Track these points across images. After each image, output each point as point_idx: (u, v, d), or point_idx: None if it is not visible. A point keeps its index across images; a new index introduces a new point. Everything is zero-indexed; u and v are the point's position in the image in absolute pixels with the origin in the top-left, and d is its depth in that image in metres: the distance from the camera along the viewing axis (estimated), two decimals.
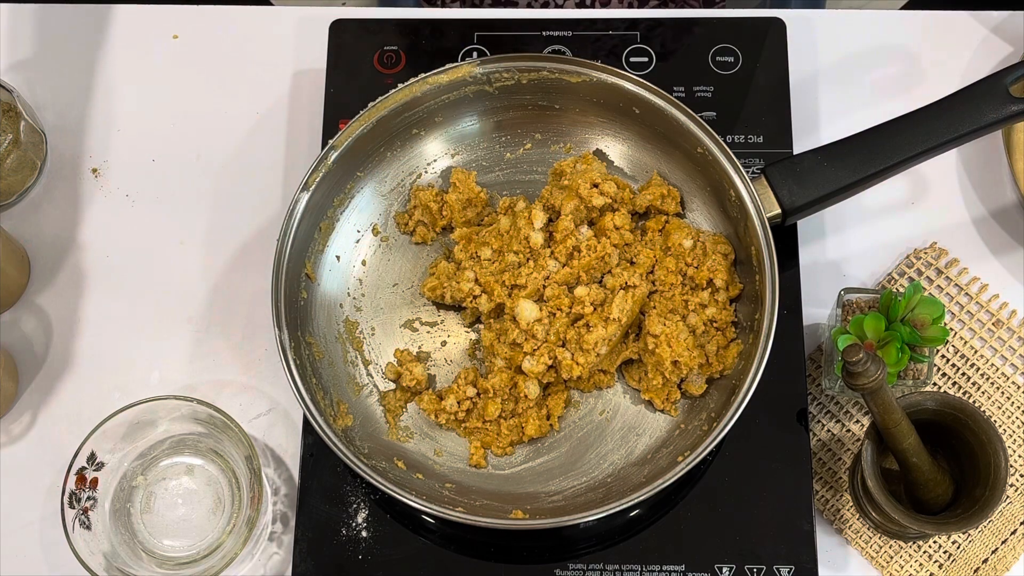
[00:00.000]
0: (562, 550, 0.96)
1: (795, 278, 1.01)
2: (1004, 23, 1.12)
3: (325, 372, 0.97)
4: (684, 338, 0.95)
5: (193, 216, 1.08)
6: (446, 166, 1.06)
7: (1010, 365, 1.02)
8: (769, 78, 1.08)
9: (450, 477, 0.96)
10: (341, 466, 0.97)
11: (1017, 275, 1.04)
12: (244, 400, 1.03)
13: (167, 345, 1.04)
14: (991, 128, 0.93)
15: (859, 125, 0.96)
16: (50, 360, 1.04)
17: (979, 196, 1.07)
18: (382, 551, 0.96)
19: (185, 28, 1.15)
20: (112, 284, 1.07)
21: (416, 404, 0.99)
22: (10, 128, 1.05)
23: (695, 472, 0.97)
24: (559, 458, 0.97)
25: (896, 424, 0.87)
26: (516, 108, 1.04)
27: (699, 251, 0.98)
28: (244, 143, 1.11)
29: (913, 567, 0.97)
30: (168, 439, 0.99)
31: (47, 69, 1.14)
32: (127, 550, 0.95)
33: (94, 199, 1.09)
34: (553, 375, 0.96)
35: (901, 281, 1.04)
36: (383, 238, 1.04)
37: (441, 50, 1.10)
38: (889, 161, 0.94)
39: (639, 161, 1.04)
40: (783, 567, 0.94)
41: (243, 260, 1.07)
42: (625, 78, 0.99)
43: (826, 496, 0.99)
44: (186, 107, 1.12)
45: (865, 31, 1.13)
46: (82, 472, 0.93)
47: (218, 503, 0.98)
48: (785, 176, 0.95)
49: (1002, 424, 1.00)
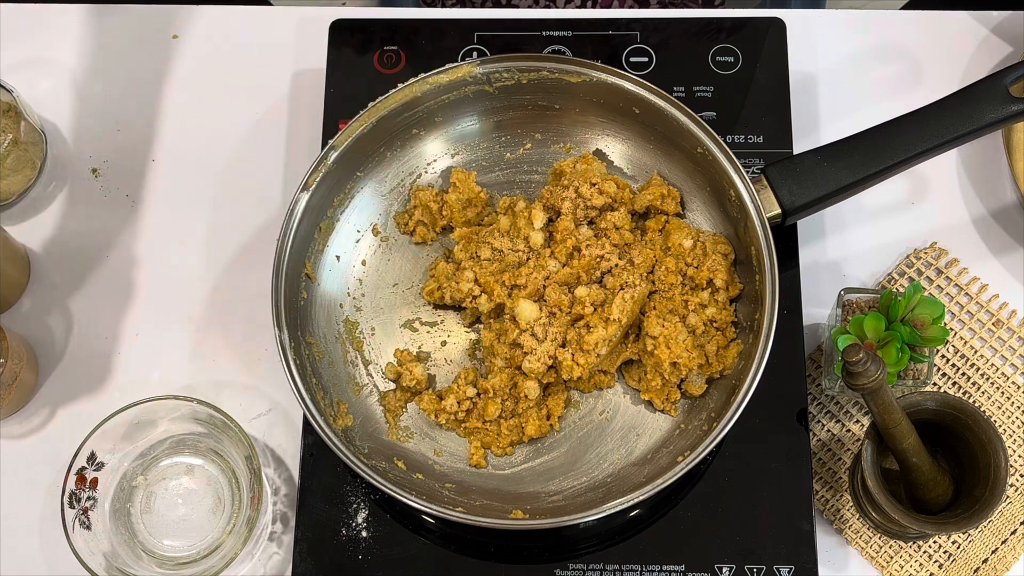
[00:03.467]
0: (562, 550, 0.96)
1: (795, 278, 1.01)
2: (1004, 23, 1.12)
3: (325, 372, 0.97)
4: (683, 339, 0.95)
5: (193, 216, 1.08)
6: (446, 166, 1.06)
7: (1010, 365, 1.02)
8: (769, 78, 1.08)
9: (450, 477, 0.96)
10: (341, 466, 0.97)
11: (1017, 275, 1.04)
12: (244, 400, 1.03)
13: (167, 345, 1.04)
14: (991, 128, 0.93)
15: (859, 125, 0.96)
16: (50, 360, 1.04)
17: (979, 196, 1.07)
18: (382, 551, 0.96)
19: (185, 28, 1.15)
20: (112, 284, 1.07)
21: (416, 404, 0.99)
22: (10, 128, 1.05)
23: (695, 472, 0.97)
24: (559, 458, 0.98)
25: (896, 424, 0.87)
26: (516, 108, 1.04)
27: (699, 251, 0.98)
28: (244, 143, 1.11)
29: (913, 567, 0.97)
30: (168, 439, 0.99)
31: (47, 69, 1.14)
32: (127, 550, 0.95)
33: (94, 199, 1.09)
34: (553, 375, 0.96)
35: (901, 281, 1.04)
36: (383, 238, 1.04)
37: (441, 50, 1.10)
38: (889, 161, 0.94)
39: (639, 161, 1.04)
40: (783, 567, 0.94)
41: (243, 260, 1.07)
42: (625, 78, 0.99)
43: (826, 496, 0.99)
44: (186, 107, 1.12)
45: (865, 31, 1.13)
46: (82, 472, 0.93)
47: (218, 503, 0.98)
48: (785, 176, 0.95)
49: (1002, 424, 1.00)
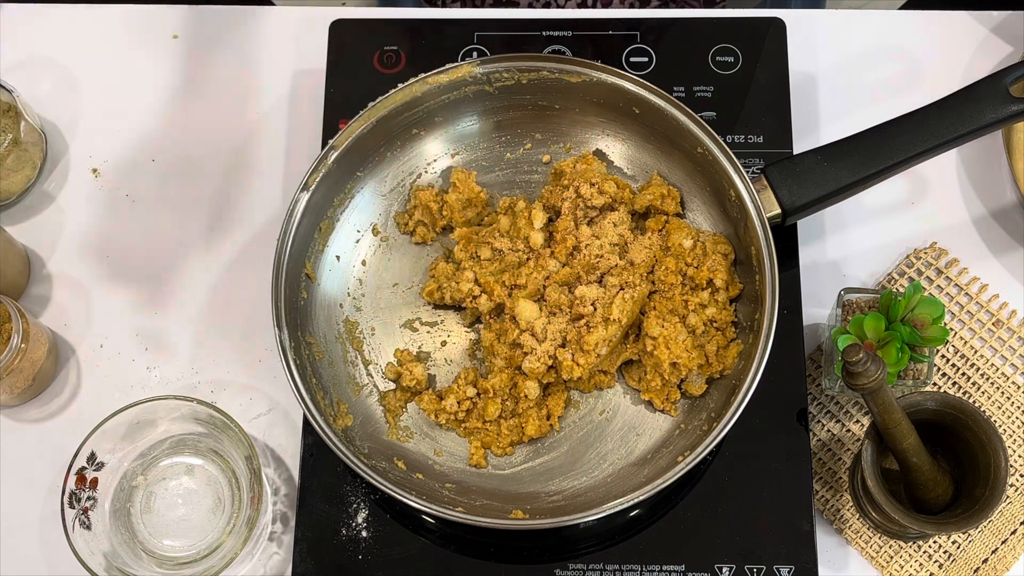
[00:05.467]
0: (562, 550, 0.96)
1: (795, 278, 1.01)
2: (1004, 23, 1.12)
3: (325, 372, 0.97)
4: (683, 340, 0.95)
5: (193, 216, 1.08)
6: (446, 166, 1.06)
7: (1010, 365, 1.02)
8: (769, 78, 1.08)
9: (450, 477, 0.96)
10: (341, 466, 0.97)
11: (1017, 275, 1.04)
12: (244, 400, 1.03)
13: (167, 345, 1.04)
14: (991, 128, 0.93)
15: (859, 125, 0.96)
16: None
17: (979, 196, 1.07)
18: (382, 551, 0.96)
19: (185, 28, 1.15)
20: (112, 284, 1.06)
21: (416, 404, 0.99)
22: (10, 128, 1.05)
23: (695, 472, 0.97)
24: (559, 458, 0.98)
25: (896, 424, 0.87)
26: (516, 108, 1.04)
27: (699, 251, 0.98)
28: (244, 143, 1.11)
29: (913, 567, 0.97)
30: (168, 439, 0.99)
31: (47, 69, 1.14)
32: (127, 550, 0.95)
33: (94, 199, 1.09)
34: (553, 375, 0.96)
35: (901, 281, 1.04)
36: (383, 238, 1.04)
37: (441, 50, 1.10)
38: (889, 161, 0.94)
39: (639, 161, 1.04)
40: (783, 567, 0.94)
41: (243, 260, 1.07)
42: (625, 78, 0.99)
43: (826, 496, 0.99)
44: (186, 107, 1.12)
45: (865, 31, 1.13)
46: (82, 472, 0.93)
47: (218, 503, 0.98)
48: (785, 176, 0.95)
49: (1002, 424, 1.00)
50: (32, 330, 0.97)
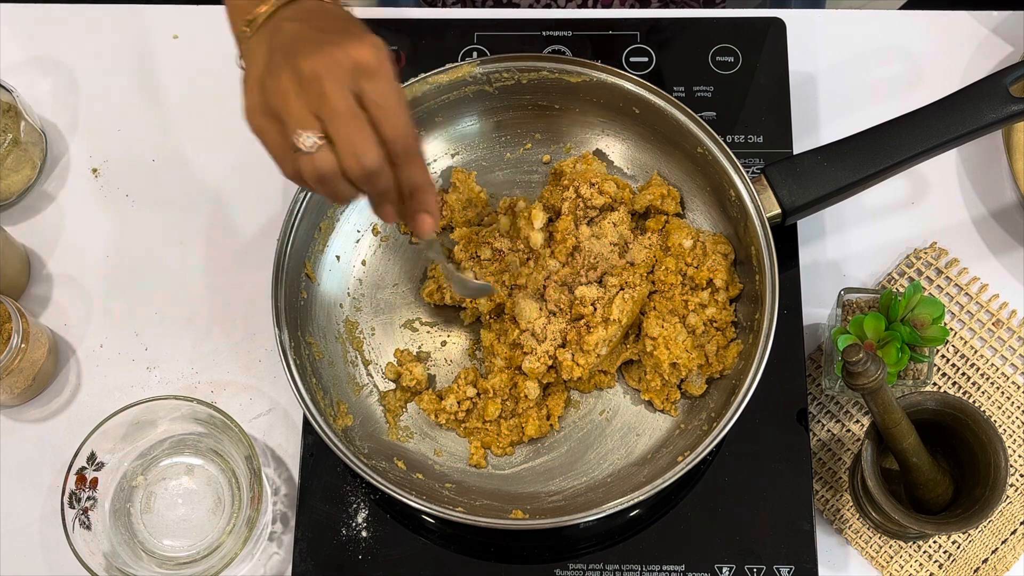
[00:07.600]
0: (562, 550, 0.96)
1: (795, 278, 1.01)
2: (1004, 23, 1.12)
3: (325, 372, 0.97)
4: (682, 340, 0.95)
5: (193, 216, 1.08)
6: (446, 166, 1.06)
7: (1010, 365, 1.02)
8: (769, 78, 1.08)
9: (450, 477, 0.96)
10: (341, 466, 0.97)
11: (1017, 275, 1.04)
12: (244, 400, 1.03)
13: (167, 345, 1.04)
14: (991, 128, 0.93)
15: (859, 125, 0.96)
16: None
17: (979, 196, 1.07)
18: (382, 551, 0.96)
19: (185, 28, 1.15)
20: (112, 284, 1.07)
21: (416, 404, 0.99)
22: (10, 128, 1.05)
23: (695, 472, 0.97)
24: (559, 458, 0.98)
25: (896, 424, 0.87)
26: (516, 108, 1.04)
27: (699, 251, 0.98)
28: (244, 143, 1.10)
29: (913, 567, 0.97)
30: (168, 439, 0.99)
31: (47, 69, 1.14)
32: (127, 550, 0.95)
33: (94, 199, 1.09)
34: (553, 375, 0.96)
35: (901, 281, 1.04)
36: (383, 238, 1.04)
37: (441, 50, 1.10)
38: (889, 161, 0.94)
39: (639, 161, 1.04)
40: (783, 567, 0.94)
41: (243, 260, 1.07)
42: (625, 78, 0.99)
43: (826, 496, 0.99)
44: (186, 107, 1.12)
45: (865, 31, 1.13)
46: (82, 472, 0.93)
47: (218, 503, 0.98)
48: (785, 176, 0.96)
49: (1002, 424, 1.00)
50: (32, 330, 0.97)
